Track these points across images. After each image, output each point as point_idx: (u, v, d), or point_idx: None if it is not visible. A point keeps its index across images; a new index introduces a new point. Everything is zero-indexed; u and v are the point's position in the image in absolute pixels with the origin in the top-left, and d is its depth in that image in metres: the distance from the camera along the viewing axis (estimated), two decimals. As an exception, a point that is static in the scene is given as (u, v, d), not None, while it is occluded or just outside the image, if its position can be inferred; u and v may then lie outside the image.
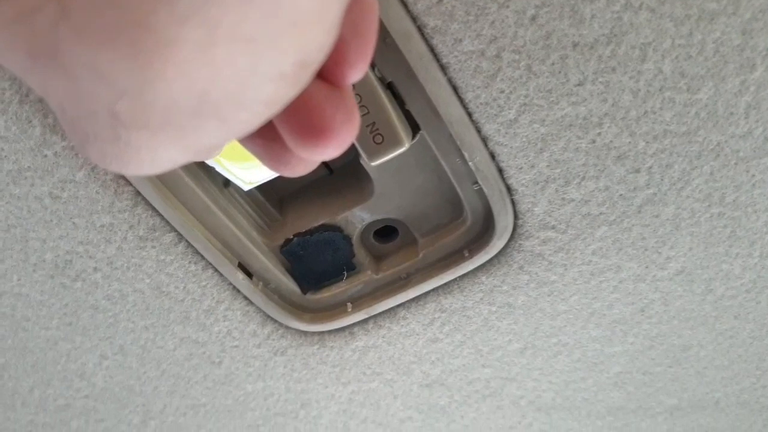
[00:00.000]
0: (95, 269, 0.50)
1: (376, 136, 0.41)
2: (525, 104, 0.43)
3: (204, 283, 0.51)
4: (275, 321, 0.54)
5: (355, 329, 0.55)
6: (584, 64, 0.41)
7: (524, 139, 0.44)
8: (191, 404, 0.61)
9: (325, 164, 0.52)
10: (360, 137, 0.42)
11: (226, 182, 0.49)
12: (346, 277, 0.53)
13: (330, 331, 0.55)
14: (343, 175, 0.51)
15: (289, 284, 0.53)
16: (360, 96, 0.40)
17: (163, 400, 0.60)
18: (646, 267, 0.53)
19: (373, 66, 0.40)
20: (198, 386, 0.59)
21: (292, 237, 0.51)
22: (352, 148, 0.46)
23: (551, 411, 0.66)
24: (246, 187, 0.44)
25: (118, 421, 0.63)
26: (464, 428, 0.66)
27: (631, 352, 0.61)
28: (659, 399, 0.67)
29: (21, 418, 0.62)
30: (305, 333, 0.55)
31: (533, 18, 0.39)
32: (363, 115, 0.41)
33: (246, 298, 0.52)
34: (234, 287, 0.52)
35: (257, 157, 0.26)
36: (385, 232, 0.53)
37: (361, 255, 0.53)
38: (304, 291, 0.54)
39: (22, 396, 0.60)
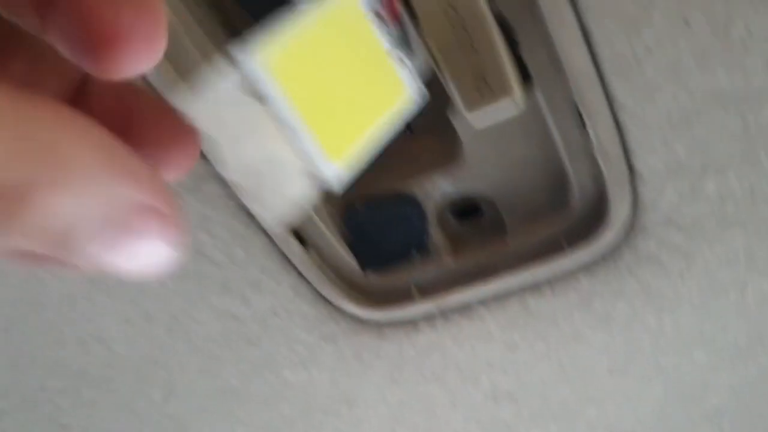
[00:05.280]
0: (126, 218, 0.44)
1: (480, 81, 0.34)
2: (673, 66, 0.35)
3: (251, 249, 0.45)
4: (328, 302, 0.48)
5: (420, 322, 0.48)
6: (757, 23, 0.34)
7: (664, 112, 0.37)
8: (221, 387, 0.55)
9: (405, 122, 0.45)
10: (459, 81, 0.35)
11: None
12: (416, 259, 0.47)
13: (390, 321, 0.49)
14: (426, 135, 0.44)
15: (348, 259, 0.47)
16: (468, 32, 0.34)
17: (190, 377, 0.55)
18: (781, 288, 0.45)
19: (488, -3, 0.33)
20: (231, 367, 0.53)
21: (357, 204, 0.45)
22: (439, 98, 0.39)
23: (632, 443, 0.59)
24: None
25: (136, 395, 0.57)
26: (529, 451, 0.59)
27: (736, 386, 0.54)
28: (759, 446, 0.59)
29: (30, 382, 0.57)
30: (361, 320, 0.49)
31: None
32: (468, 57, 0.34)
33: (297, 271, 0.46)
34: (285, 256, 0.45)
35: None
36: (467, 209, 0.46)
37: (436, 234, 0.46)
38: (365, 269, 0.47)
39: (31, 354, 0.54)
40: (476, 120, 0.36)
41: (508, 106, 0.35)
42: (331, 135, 0.28)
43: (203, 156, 0.41)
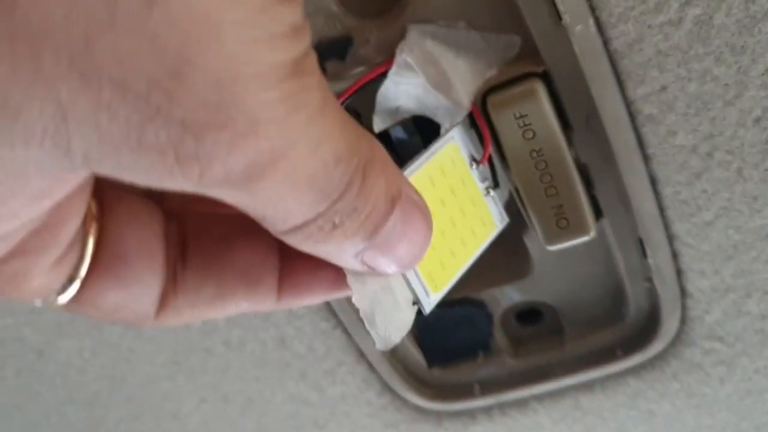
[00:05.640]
0: (220, 312, 0.49)
1: (560, 220, 0.40)
2: (725, 208, 0.41)
3: (330, 343, 0.50)
4: (394, 392, 0.52)
5: (478, 414, 0.53)
6: (801, 174, 0.39)
7: (715, 244, 0.42)
8: (282, 463, 0.59)
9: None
10: (540, 217, 0.40)
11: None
12: (480, 358, 0.51)
13: (450, 412, 0.53)
14: (497, 248, 0.49)
15: (416, 355, 0.52)
16: (551, 175, 0.39)
17: (254, 454, 0.59)
18: (812, 395, 0.50)
19: (570, 145, 0.39)
20: (295, 446, 0.58)
21: (428, 306, 0.50)
22: (513, 220, 0.44)
23: None
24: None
25: (199, 467, 0.61)
26: None
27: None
28: None
29: (100, 449, 0.61)
30: (423, 409, 0.53)
31: (757, 120, 0.37)
32: (550, 196, 0.39)
33: (369, 364, 0.51)
34: (360, 351, 0.50)
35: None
36: (528, 314, 0.51)
37: (499, 336, 0.51)
38: (431, 365, 0.52)
39: (107, 426, 0.59)
40: (552, 248, 0.41)
41: (583, 238, 0.40)
42: (436, 270, 0.33)
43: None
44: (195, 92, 0.15)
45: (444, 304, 0.50)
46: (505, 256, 0.48)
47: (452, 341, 0.51)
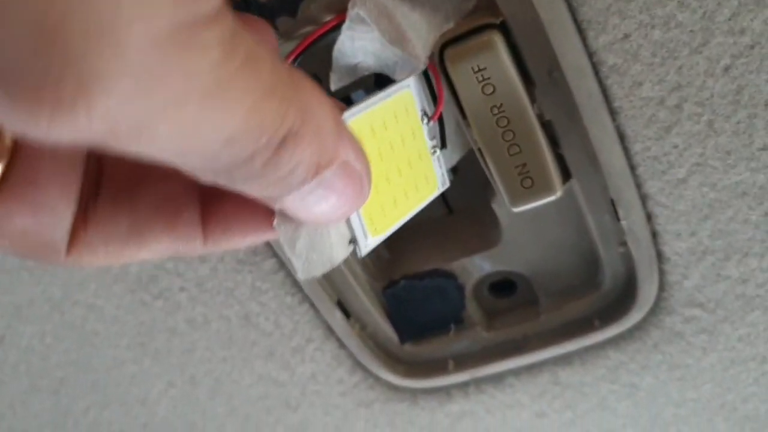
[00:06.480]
0: (181, 289, 0.48)
1: (525, 179, 0.39)
2: (698, 164, 0.40)
3: (297, 318, 0.49)
4: (366, 369, 0.51)
5: (453, 391, 0.52)
6: (775, 125, 0.38)
7: (689, 203, 0.41)
8: (255, 448, 0.58)
9: (444, 202, 0.49)
10: (504, 177, 0.39)
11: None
12: (452, 332, 0.50)
13: (424, 389, 0.52)
14: (465, 217, 0.48)
15: (387, 331, 0.51)
16: (513, 132, 0.38)
17: (226, 439, 0.58)
18: (798, 363, 0.49)
19: (533, 101, 0.38)
20: (267, 429, 0.56)
21: (398, 279, 0.49)
22: (481, 186, 0.43)
23: None
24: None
25: (171, 455, 0.60)
26: None
27: (755, 454, 0.57)
28: None
29: (69, 439, 0.60)
30: (396, 387, 0.52)
31: (726, 68, 0.36)
32: (513, 155, 0.38)
33: (339, 340, 0.50)
34: (329, 326, 0.49)
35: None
36: (501, 285, 0.50)
37: (472, 308, 0.50)
38: (403, 340, 0.51)
39: (75, 415, 0.58)
40: (518, 209, 0.40)
41: (549, 198, 0.39)
42: (377, 214, 0.32)
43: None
44: (11, 34, 0.12)
45: (414, 276, 0.49)
46: (473, 224, 0.47)
47: (424, 315, 0.50)
